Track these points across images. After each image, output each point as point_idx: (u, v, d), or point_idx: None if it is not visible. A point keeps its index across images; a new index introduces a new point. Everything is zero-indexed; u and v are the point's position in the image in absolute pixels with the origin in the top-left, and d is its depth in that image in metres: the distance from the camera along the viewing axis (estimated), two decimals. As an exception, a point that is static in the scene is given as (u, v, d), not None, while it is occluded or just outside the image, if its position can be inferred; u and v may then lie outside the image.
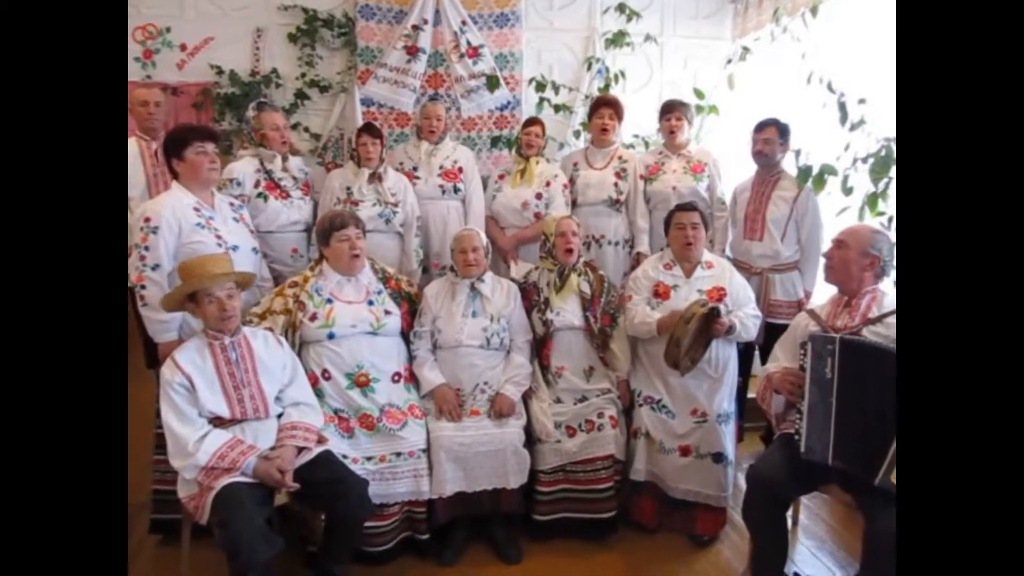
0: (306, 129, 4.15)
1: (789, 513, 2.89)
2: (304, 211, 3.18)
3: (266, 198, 3.07)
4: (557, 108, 4.17)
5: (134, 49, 3.92)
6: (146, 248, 2.40)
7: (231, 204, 2.76)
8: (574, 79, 4.38)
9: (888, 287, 2.47)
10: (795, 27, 3.38)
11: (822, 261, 2.47)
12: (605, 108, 3.51)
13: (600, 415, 2.73)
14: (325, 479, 2.27)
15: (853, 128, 2.82)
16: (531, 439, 2.72)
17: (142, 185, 3.20)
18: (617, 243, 3.50)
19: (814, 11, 3.18)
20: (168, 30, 3.97)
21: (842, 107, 2.80)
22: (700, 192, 3.39)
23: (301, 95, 4.11)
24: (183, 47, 3.99)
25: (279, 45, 4.09)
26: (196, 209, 2.51)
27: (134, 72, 3.92)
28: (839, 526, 2.89)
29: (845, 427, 2.06)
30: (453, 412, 2.66)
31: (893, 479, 1.91)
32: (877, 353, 2.04)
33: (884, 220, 2.83)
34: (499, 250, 3.44)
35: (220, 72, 4.00)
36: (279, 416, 2.38)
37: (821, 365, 2.12)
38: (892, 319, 2.19)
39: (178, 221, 2.45)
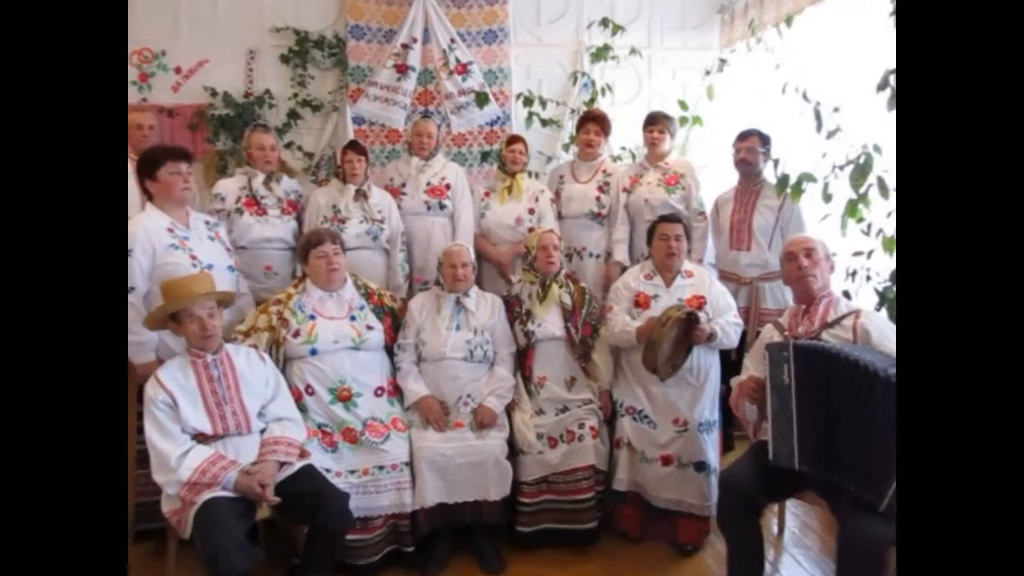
0: (299, 148, 4.22)
1: (774, 521, 2.92)
2: (281, 229, 3.19)
3: (242, 213, 3.12)
4: (544, 122, 4.22)
5: (130, 73, 4.00)
6: None
7: (206, 222, 2.79)
8: (563, 93, 4.42)
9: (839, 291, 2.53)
10: (771, 38, 3.41)
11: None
12: (591, 124, 3.56)
13: (580, 426, 2.76)
14: (306, 492, 2.31)
15: (829, 136, 2.84)
16: (514, 451, 2.74)
17: (137, 206, 3.27)
18: (598, 255, 3.55)
19: (789, 22, 3.21)
20: (163, 53, 4.06)
21: (817, 115, 2.82)
22: (674, 204, 3.40)
23: (294, 115, 4.18)
24: (178, 70, 4.08)
25: (272, 66, 4.17)
26: (170, 230, 2.53)
27: (131, 95, 3.99)
28: (826, 534, 2.88)
29: (807, 431, 2.09)
30: (439, 422, 2.70)
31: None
32: (829, 356, 2.08)
33: (864, 226, 2.85)
34: (497, 264, 3.47)
35: (214, 94, 4.08)
36: (262, 431, 2.42)
37: (779, 372, 2.16)
38: (848, 321, 2.26)
39: (152, 243, 2.48)
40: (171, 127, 4.03)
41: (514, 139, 3.56)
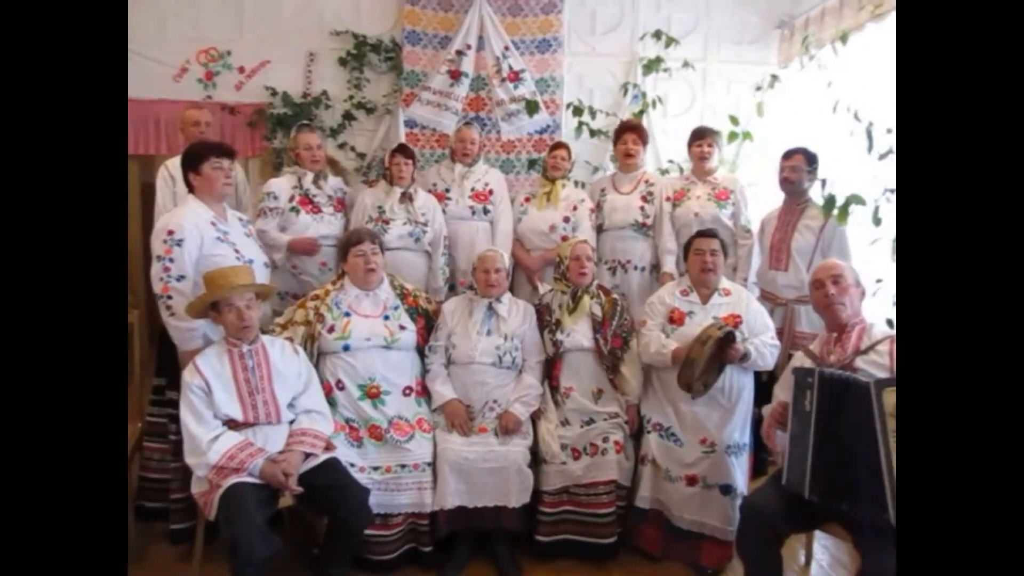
0: (352, 148, 4.33)
1: (801, 552, 2.83)
2: (335, 227, 3.29)
3: (298, 212, 3.23)
4: (593, 132, 4.21)
5: (196, 70, 4.19)
6: (171, 260, 2.50)
7: (240, 219, 2.86)
8: (614, 104, 4.41)
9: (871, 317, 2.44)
10: (825, 56, 3.33)
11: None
12: (628, 133, 3.54)
13: (605, 439, 2.73)
14: (328, 485, 2.36)
15: (881, 158, 2.75)
16: (537, 459, 2.74)
17: (182, 197, 3.40)
18: (643, 268, 3.52)
19: (844, 39, 3.13)
20: (228, 53, 4.22)
21: (869, 135, 2.74)
22: (723, 219, 3.37)
23: (348, 116, 4.29)
24: (241, 69, 4.24)
25: (329, 68, 4.29)
26: (213, 223, 2.63)
27: (197, 92, 4.19)
28: (855, 567, 2.78)
29: (822, 460, 2.04)
30: (463, 426, 2.72)
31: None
32: (855, 387, 2.01)
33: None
34: (525, 270, 3.49)
35: (274, 93, 4.22)
36: (291, 422, 2.49)
37: (802, 398, 2.12)
38: (883, 347, 2.18)
39: (200, 234, 2.57)
40: (232, 124, 4.19)
41: (558, 145, 3.59)
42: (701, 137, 3.50)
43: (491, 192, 3.50)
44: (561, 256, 2.95)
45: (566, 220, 3.47)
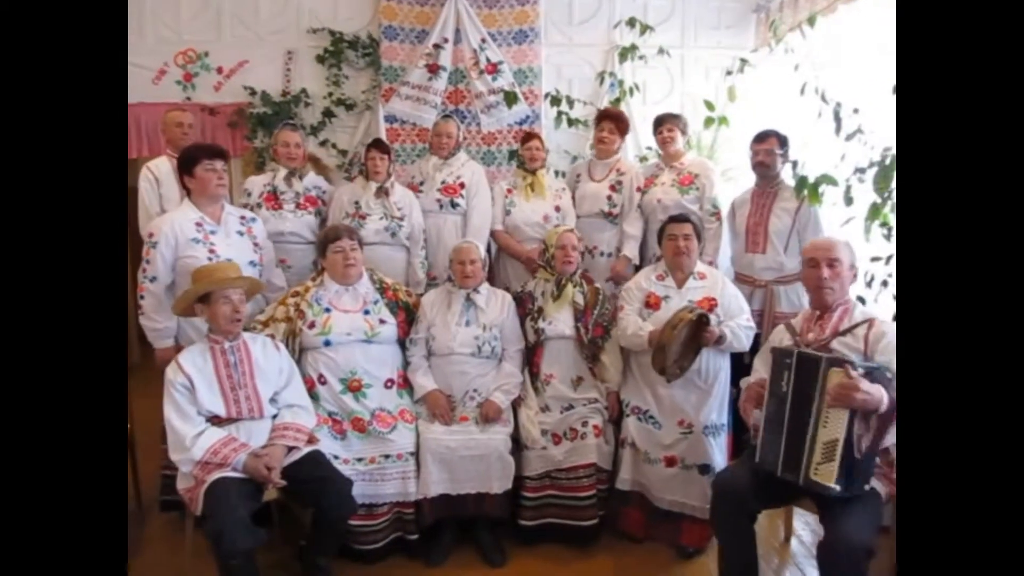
0: (333, 145, 4.36)
1: (781, 527, 2.89)
2: (295, 224, 3.29)
3: (260, 207, 3.25)
4: (571, 122, 4.24)
5: (175, 72, 4.22)
6: (147, 261, 2.61)
7: (241, 218, 2.91)
8: (593, 93, 4.44)
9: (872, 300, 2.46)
10: (794, 39, 3.35)
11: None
12: (606, 121, 3.56)
13: (584, 424, 2.78)
14: (311, 477, 2.41)
15: (848, 138, 2.78)
16: (518, 446, 2.79)
17: (176, 200, 3.44)
18: (610, 255, 3.56)
19: (811, 22, 3.15)
20: (206, 54, 4.25)
21: (836, 117, 2.77)
22: (687, 205, 3.38)
23: (328, 113, 4.33)
24: (220, 70, 4.27)
25: (308, 66, 4.33)
26: (198, 224, 2.68)
27: (175, 94, 4.23)
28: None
29: (795, 440, 2.07)
30: (445, 416, 2.76)
31: (817, 477, 1.95)
32: (818, 365, 2.03)
33: (885, 231, 2.78)
34: (527, 262, 3.50)
35: (253, 93, 4.25)
36: (274, 417, 2.53)
37: (779, 378, 2.14)
38: (860, 330, 2.19)
39: (175, 236, 2.63)
40: (212, 125, 4.23)
41: (529, 136, 3.61)
42: (661, 123, 3.52)
43: (462, 185, 3.49)
44: (547, 244, 2.99)
45: (557, 209, 3.50)
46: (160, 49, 4.20)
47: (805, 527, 2.97)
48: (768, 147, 3.18)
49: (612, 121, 3.55)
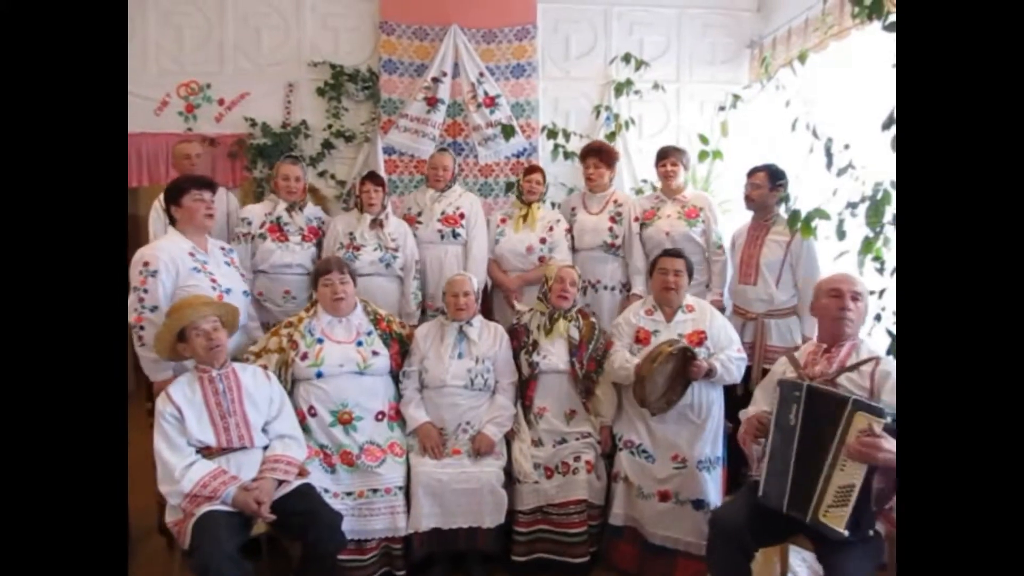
0: (332, 176, 4.40)
1: (776, 563, 2.84)
2: (300, 256, 3.31)
3: (265, 238, 3.27)
4: (567, 155, 4.28)
5: (177, 104, 4.27)
6: (145, 290, 2.57)
7: (222, 248, 2.93)
8: (589, 126, 4.49)
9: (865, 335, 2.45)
10: (785, 76, 3.40)
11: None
12: (590, 158, 3.61)
13: (576, 459, 2.76)
14: (300, 511, 2.38)
15: (840, 173, 2.80)
16: (511, 479, 2.76)
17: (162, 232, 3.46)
18: (613, 288, 3.57)
19: (802, 59, 3.20)
20: (208, 86, 4.30)
21: (827, 152, 2.80)
22: (694, 237, 3.42)
23: (328, 145, 4.37)
24: (221, 101, 4.32)
25: (308, 98, 4.38)
26: (191, 254, 2.68)
27: (178, 125, 4.27)
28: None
29: (802, 476, 2.04)
30: (436, 449, 2.74)
31: (827, 520, 1.91)
32: (841, 404, 2.00)
33: (878, 265, 2.79)
34: (504, 290, 3.53)
35: (254, 124, 4.30)
36: (265, 448, 2.51)
37: (786, 411, 2.11)
38: (867, 368, 2.17)
39: (175, 265, 2.63)
40: (213, 155, 4.27)
41: (532, 169, 3.64)
42: (665, 156, 3.56)
43: (462, 216, 3.53)
44: (547, 276, 2.99)
45: (543, 241, 3.52)
46: (163, 80, 4.26)
47: (802, 564, 2.93)
48: (756, 182, 3.21)
49: (596, 156, 3.59)
